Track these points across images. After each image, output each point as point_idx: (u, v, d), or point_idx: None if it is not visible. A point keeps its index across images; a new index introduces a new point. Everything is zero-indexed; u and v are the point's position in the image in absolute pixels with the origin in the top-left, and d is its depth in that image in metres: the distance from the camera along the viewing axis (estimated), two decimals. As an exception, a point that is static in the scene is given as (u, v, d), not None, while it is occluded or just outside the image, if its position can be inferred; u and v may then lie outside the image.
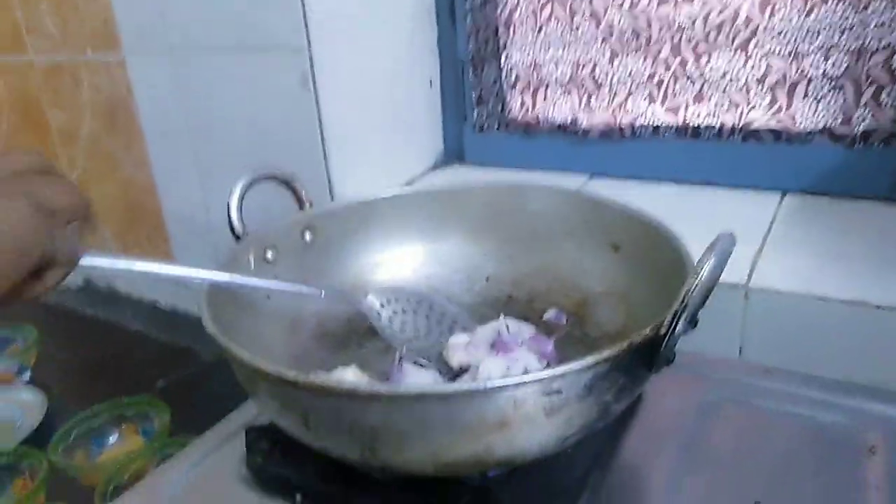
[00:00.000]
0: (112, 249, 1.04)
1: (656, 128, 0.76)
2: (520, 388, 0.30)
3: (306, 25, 0.69)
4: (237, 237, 0.48)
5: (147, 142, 0.89)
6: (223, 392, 0.46)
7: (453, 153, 0.93)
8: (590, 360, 0.31)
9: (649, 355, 0.33)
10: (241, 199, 0.48)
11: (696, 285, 0.31)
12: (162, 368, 0.83)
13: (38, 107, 0.99)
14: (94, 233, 0.36)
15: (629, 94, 0.78)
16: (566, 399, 0.31)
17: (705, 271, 0.32)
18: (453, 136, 0.92)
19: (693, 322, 0.36)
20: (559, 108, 0.83)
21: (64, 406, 0.75)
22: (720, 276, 0.36)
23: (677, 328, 0.32)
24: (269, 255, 0.49)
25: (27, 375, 0.82)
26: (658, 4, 0.73)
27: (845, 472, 0.40)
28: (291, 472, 0.42)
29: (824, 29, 0.66)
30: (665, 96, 0.76)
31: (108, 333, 0.99)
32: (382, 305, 0.51)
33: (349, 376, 0.46)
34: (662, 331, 0.32)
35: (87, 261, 0.35)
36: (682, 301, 0.32)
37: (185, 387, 0.79)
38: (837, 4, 0.64)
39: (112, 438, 0.67)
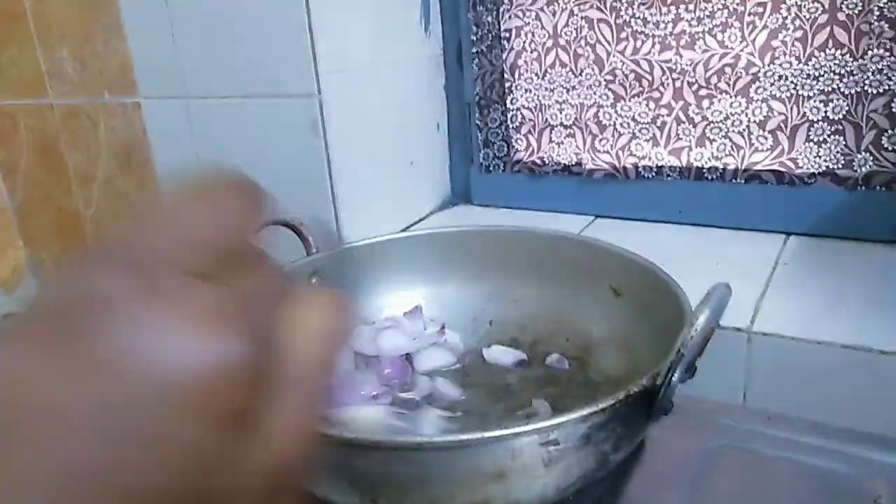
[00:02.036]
0: (124, 287, 1.05)
1: (660, 169, 0.77)
2: (518, 439, 0.30)
3: (317, 73, 0.71)
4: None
5: (160, 183, 0.92)
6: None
7: (460, 194, 0.94)
8: (587, 410, 0.31)
9: (647, 405, 0.34)
10: (250, 244, 0.49)
11: (691, 337, 0.32)
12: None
13: (56, 148, 1.02)
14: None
15: (633, 136, 0.79)
16: (564, 449, 0.31)
17: (700, 323, 0.32)
18: (460, 178, 0.94)
19: (691, 371, 0.37)
20: (564, 150, 0.84)
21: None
22: (717, 325, 0.36)
23: (673, 379, 0.32)
24: (276, 299, 0.50)
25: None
26: (660, 50, 0.74)
27: (850, 522, 0.40)
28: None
29: (823, 74, 0.67)
30: (668, 139, 0.77)
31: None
32: None
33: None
34: (658, 381, 0.33)
35: None
36: (678, 352, 0.32)
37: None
38: (836, 51, 0.66)
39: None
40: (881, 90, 0.64)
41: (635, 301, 0.48)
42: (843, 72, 0.66)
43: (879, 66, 0.64)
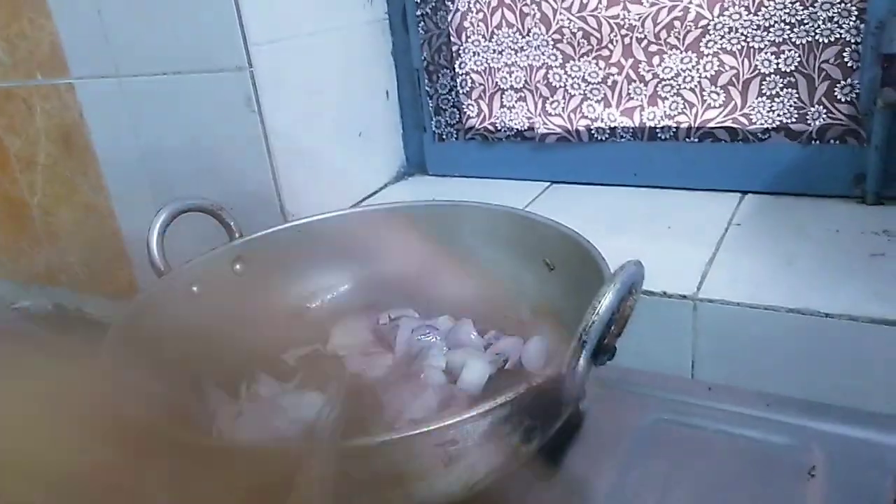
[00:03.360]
0: (78, 275, 1.02)
1: (612, 131, 0.75)
2: (409, 442, 0.28)
3: (246, 45, 0.68)
4: (159, 273, 0.46)
5: (101, 165, 0.88)
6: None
7: (415, 164, 0.92)
8: (485, 406, 0.29)
9: (557, 393, 0.32)
10: (162, 234, 0.46)
11: (594, 322, 0.30)
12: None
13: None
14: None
15: (584, 97, 0.76)
16: (464, 448, 0.30)
17: (602, 307, 0.30)
18: (414, 147, 0.91)
19: (609, 353, 0.35)
20: (515, 115, 0.81)
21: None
22: (633, 304, 0.35)
23: (578, 367, 0.31)
24: (195, 289, 0.48)
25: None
26: (607, 6, 0.71)
27: (782, 495, 0.38)
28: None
29: (774, 24, 0.64)
30: (619, 99, 0.74)
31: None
32: None
33: (311, 401, 0.45)
34: (563, 370, 0.31)
35: None
36: (580, 338, 0.30)
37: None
38: (786, -1, 0.63)
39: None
40: (832, 39, 0.62)
41: (568, 275, 0.46)
42: (793, 21, 0.63)
43: (830, 14, 0.61)
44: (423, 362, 0.46)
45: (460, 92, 0.84)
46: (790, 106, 0.66)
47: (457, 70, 0.83)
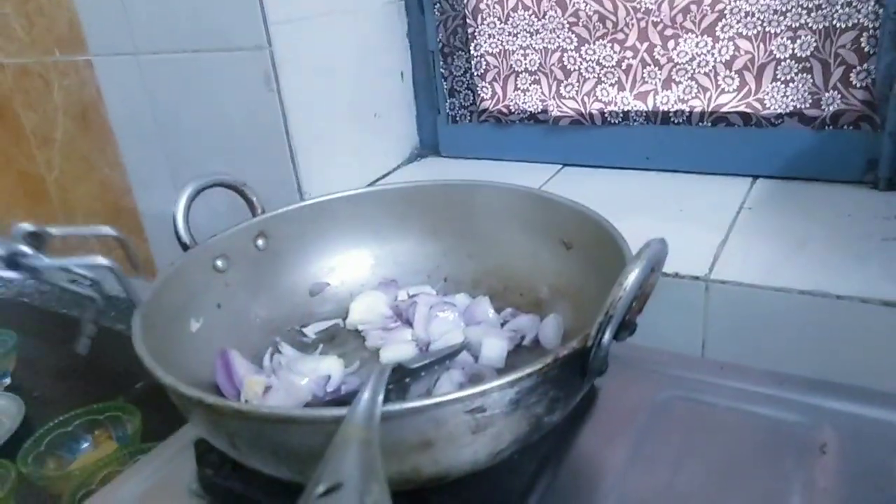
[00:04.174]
0: (94, 250, 1.04)
1: (626, 114, 0.75)
2: (440, 409, 0.30)
3: (266, 24, 0.68)
4: (185, 247, 0.48)
5: (119, 142, 0.89)
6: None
7: (428, 146, 0.92)
8: (513, 376, 0.30)
9: (580, 366, 0.33)
10: (188, 208, 0.47)
11: (620, 297, 0.31)
12: (141, 371, 0.83)
13: (11, 109, 0.99)
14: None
15: (598, 81, 0.76)
16: (492, 416, 0.31)
17: (629, 282, 0.31)
18: (427, 129, 0.91)
19: (630, 329, 0.36)
20: (530, 97, 0.82)
21: (42, 411, 0.75)
22: (654, 282, 0.35)
23: (604, 340, 0.32)
24: (220, 263, 0.49)
25: (6, 380, 0.82)
26: (624, -11, 0.71)
27: (793, 472, 0.39)
28: (240, 485, 0.42)
29: (791, 9, 0.64)
30: (634, 82, 0.74)
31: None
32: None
33: (331, 365, 0.46)
34: (589, 343, 0.32)
35: None
36: (606, 312, 0.31)
37: (161, 391, 0.79)
38: (804, -16, 0.63)
39: (85, 444, 0.68)
40: (849, 24, 0.62)
41: (585, 254, 0.47)
42: (811, 6, 0.63)
43: None
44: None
45: (475, 74, 0.84)
46: (805, 91, 0.66)
47: (472, 52, 0.83)
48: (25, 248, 0.32)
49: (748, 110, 0.69)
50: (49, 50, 0.89)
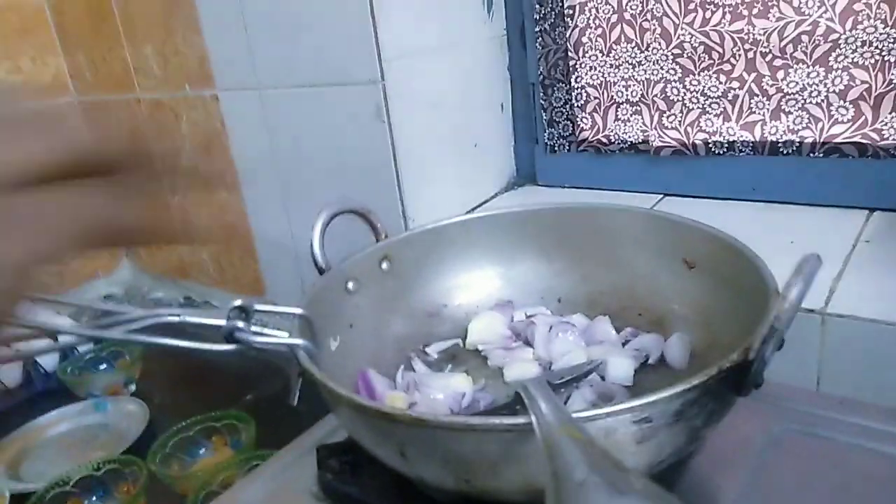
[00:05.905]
0: (208, 270, 1.11)
1: (731, 145, 0.75)
2: (610, 418, 0.31)
3: (380, 60, 0.73)
4: (321, 271, 0.51)
5: (238, 170, 0.96)
6: (305, 408, 0.50)
7: (525, 175, 0.94)
8: (679, 387, 0.31)
9: (737, 380, 0.34)
10: (323, 234, 0.51)
11: (786, 309, 0.31)
12: (252, 383, 0.88)
13: (143, 140, 1.08)
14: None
15: (702, 111, 0.76)
16: (656, 427, 0.32)
17: (794, 295, 0.31)
18: (525, 159, 0.93)
19: (780, 345, 0.36)
20: (630, 128, 0.82)
21: (163, 416, 0.81)
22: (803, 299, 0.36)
23: (766, 352, 0.32)
24: (351, 286, 0.52)
25: (132, 387, 0.89)
26: (731, 20, 0.71)
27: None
28: (359, 489, 0.44)
29: (912, 38, 0.63)
30: (740, 113, 0.74)
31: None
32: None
33: (461, 382, 0.49)
34: (751, 356, 0.33)
35: None
36: (771, 326, 0.32)
37: (272, 402, 0.84)
38: (926, 12, 0.61)
39: (203, 450, 0.73)
40: (977, 53, 0.60)
41: (711, 273, 0.47)
42: (933, 34, 0.61)
43: (975, 27, 0.59)
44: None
45: (575, 105, 0.86)
46: (927, 121, 0.64)
47: (572, 84, 0.85)
48: (241, 324, 0.36)
49: (864, 141, 0.67)
50: (180, 86, 0.97)
